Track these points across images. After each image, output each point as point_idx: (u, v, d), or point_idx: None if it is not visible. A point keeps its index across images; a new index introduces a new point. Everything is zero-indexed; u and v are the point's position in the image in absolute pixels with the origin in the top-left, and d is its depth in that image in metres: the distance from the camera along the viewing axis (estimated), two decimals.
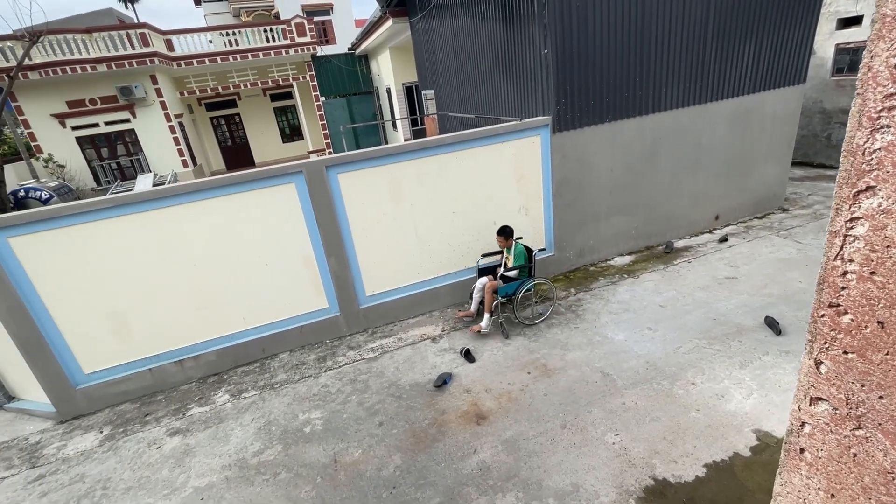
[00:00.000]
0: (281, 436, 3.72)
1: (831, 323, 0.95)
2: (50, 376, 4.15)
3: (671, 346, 4.17)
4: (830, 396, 0.99)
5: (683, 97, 5.75)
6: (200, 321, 4.52)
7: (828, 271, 0.93)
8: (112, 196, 3.97)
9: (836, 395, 0.98)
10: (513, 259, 4.68)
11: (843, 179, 0.87)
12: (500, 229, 4.67)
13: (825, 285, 0.94)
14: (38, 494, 3.46)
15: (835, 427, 1.00)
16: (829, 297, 0.94)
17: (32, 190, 11.15)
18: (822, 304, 0.95)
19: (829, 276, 0.93)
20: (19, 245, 3.80)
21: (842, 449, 1.00)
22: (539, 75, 5.14)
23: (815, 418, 1.04)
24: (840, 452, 1.00)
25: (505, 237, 4.65)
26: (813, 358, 1.01)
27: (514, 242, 4.70)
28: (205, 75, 15.61)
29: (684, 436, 3.19)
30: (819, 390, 1.01)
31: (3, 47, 11.93)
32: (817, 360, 1.00)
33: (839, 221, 0.88)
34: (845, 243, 0.88)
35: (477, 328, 4.67)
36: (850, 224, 0.87)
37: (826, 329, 0.96)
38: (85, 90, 13.25)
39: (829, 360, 0.97)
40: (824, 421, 1.02)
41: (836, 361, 0.96)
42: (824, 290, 0.94)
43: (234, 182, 4.22)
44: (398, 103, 14.62)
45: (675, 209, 6.31)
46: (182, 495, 3.27)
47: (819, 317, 0.96)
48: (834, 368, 0.97)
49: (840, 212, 0.88)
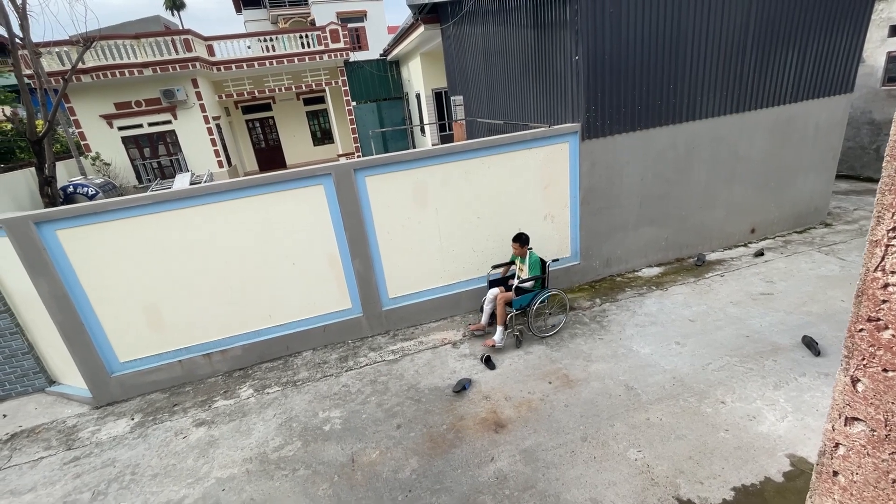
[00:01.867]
0: (301, 432, 3.78)
1: (870, 338, 0.89)
2: (88, 363, 4.36)
3: (700, 362, 4.02)
4: (868, 417, 0.92)
5: (720, 105, 5.58)
6: (229, 316, 4.66)
7: (867, 283, 0.87)
8: (152, 193, 4.15)
9: (875, 416, 0.91)
10: (528, 269, 4.53)
11: (885, 186, 0.81)
12: (517, 236, 4.54)
13: (864, 298, 0.88)
14: (73, 476, 3.62)
15: (872, 450, 0.93)
16: (869, 311, 0.88)
17: (80, 186, 11.78)
18: (861, 317, 0.89)
19: (869, 289, 0.87)
20: (66, 237, 4.02)
21: (879, 473, 0.93)
22: (569, 82, 5.09)
23: (850, 439, 0.97)
24: (877, 477, 0.93)
25: (521, 244, 4.52)
26: (849, 375, 0.94)
27: (529, 251, 4.56)
28: (242, 79, 16.18)
29: (712, 456, 3.07)
30: (855, 410, 0.94)
31: (60, 52, 12.71)
32: (854, 377, 0.93)
33: (881, 230, 0.82)
34: (887, 253, 0.82)
35: (491, 342, 4.50)
36: (892, 233, 0.81)
37: (864, 345, 0.90)
38: (131, 93, 13.95)
39: (867, 377, 0.91)
40: (860, 443, 0.95)
41: (875, 379, 0.89)
42: (863, 302, 0.88)
43: (266, 182, 4.34)
44: (427, 108, 14.76)
45: (708, 221, 6.10)
46: (205, 485, 3.36)
47: (857, 331, 0.90)
48: (872, 387, 0.90)
49: (882, 220, 0.82)
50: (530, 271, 4.51)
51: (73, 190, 11.64)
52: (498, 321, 4.47)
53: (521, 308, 4.51)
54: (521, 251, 4.54)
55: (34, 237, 3.90)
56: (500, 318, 4.47)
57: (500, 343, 4.48)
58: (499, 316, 4.47)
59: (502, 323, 4.47)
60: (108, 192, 12.42)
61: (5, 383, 4.65)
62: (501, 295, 4.50)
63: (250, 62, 15.42)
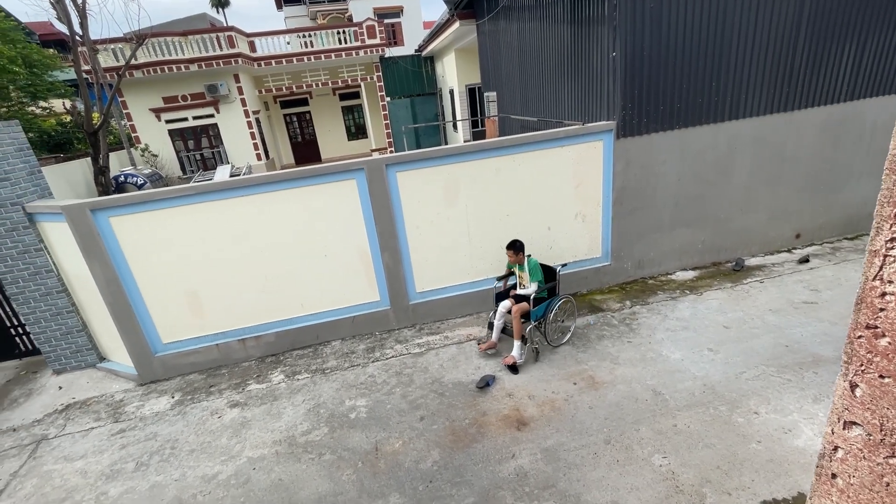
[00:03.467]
0: (328, 419, 3.91)
1: (868, 345, 0.91)
2: (134, 343, 4.64)
3: (733, 371, 3.88)
4: (865, 421, 0.94)
5: (766, 104, 5.32)
6: (263, 304, 4.85)
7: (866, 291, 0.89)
8: (195, 184, 4.36)
9: (871, 421, 0.93)
10: (529, 275, 4.27)
11: (884, 198, 0.84)
12: (511, 244, 4.27)
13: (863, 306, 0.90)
14: (119, 446, 3.89)
15: (868, 453, 0.95)
16: (867, 319, 0.90)
17: (130, 176, 12.49)
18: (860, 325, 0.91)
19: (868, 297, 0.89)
20: (118, 224, 4.29)
21: (874, 477, 0.95)
22: (605, 79, 4.98)
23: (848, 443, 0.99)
24: (872, 480, 0.95)
25: (515, 252, 4.24)
26: (848, 380, 0.96)
27: (525, 258, 4.30)
28: (281, 75, 16.65)
29: (741, 467, 2.97)
30: (853, 414, 0.96)
31: (115, 49, 13.46)
32: (852, 382, 0.95)
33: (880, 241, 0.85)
34: (885, 263, 0.85)
35: (510, 359, 4.19)
36: (890, 244, 0.83)
37: (862, 351, 0.92)
38: (178, 87, 14.63)
39: (864, 383, 0.93)
40: (857, 446, 0.97)
41: (872, 385, 0.91)
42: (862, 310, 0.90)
43: (301, 176, 4.48)
44: (460, 104, 14.75)
45: (748, 224, 5.85)
46: (237, 463, 3.54)
47: (856, 338, 0.92)
48: (869, 392, 0.92)
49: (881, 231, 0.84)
50: (532, 278, 4.26)
51: (123, 179, 12.35)
52: (515, 335, 4.21)
53: (537, 319, 4.28)
54: (516, 259, 4.27)
55: (90, 223, 4.18)
56: (517, 331, 4.17)
57: (520, 359, 4.22)
58: (516, 330, 4.17)
59: (519, 337, 4.19)
60: (155, 183, 13.10)
61: (62, 358, 5.02)
62: (517, 307, 4.17)
63: (289, 58, 15.85)
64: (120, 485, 3.47)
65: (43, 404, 4.61)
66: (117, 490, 3.42)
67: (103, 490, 3.44)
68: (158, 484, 3.43)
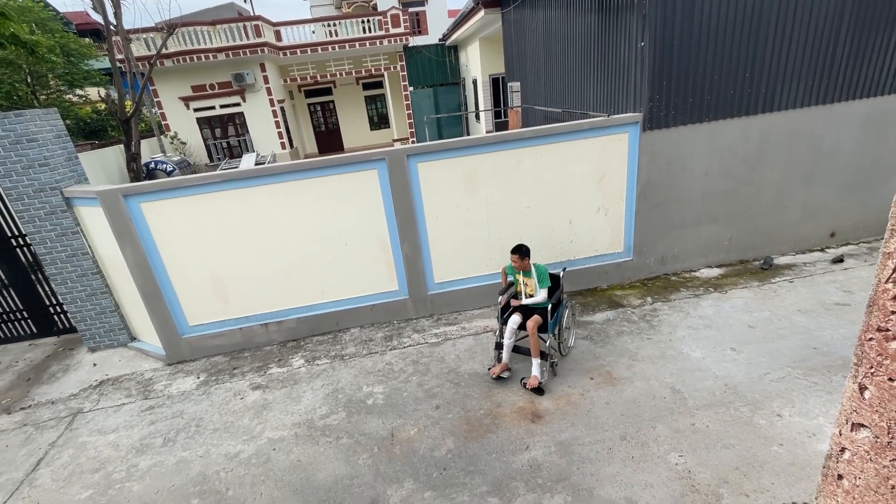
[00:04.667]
0: (346, 404, 4.00)
1: (878, 347, 0.90)
2: (163, 324, 4.83)
3: (757, 371, 3.79)
4: (872, 424, 0.94)
5: (804, 96, 5.09)
6: (286, 290, 4.96)
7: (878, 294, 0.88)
8: (221, 172, 4.47)
9: (879, 423, 0.92)
10: (537, 281, 3.88)
11: None
12: (517, 248, 3.87)
13: (875, 308, 0.89)
14: (148, 422, 4.07)
15: (875, 455, 0.95)
16: (878, 321, 0.89)
17: (160, 163, 12.87)
18: (871, 327, 0.91)
19: (880, 300, 0.88)
20: (148, 210, 4.44)
21: (880, 479, 0.94)
22: (633, 69, 4.85)
23: (855, 445, 0.99)
24: (878, 483, 0.95)
25: (521, 257, 3.84)
26: (857, 382, 0.96)
27: (533, 264, 3.93)
28: (306, 64, 16.80)
29: (761, 469, 2.91)
30: (861, 416, 0.96)
31: (147, 38, 13.81)
32: (862, 384, 0.95)
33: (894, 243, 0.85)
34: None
35: (535, 381, 3.78)
36: None
37: (873, 353, 0.91)
38: (206, 76, 14.94)
39: (873, 385, 0.92)
40: (864, 448, 0.97)
41: (881, 388, 0.91)
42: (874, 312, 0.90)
43: (324, 165, 4.54)
44: (483, 95, 14.61)
45: (779, 222, 5.65)
46: (258, 443, 3.66)
47: (867, 340, 0.92)
48: (878, 395, 0.91)
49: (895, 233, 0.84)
50: (542, 284, 3.87)
51: (153, 166, 12.74)
52: (533, 353, 3.80)
53: (554, 330, 3.92)
54: (522, 265, 3.87)
55: (122, 208, 4.35)
56: (535, 349, 3.78)
57: (544, 378, 3.84)
58: (533, 347, 3.78)
59: (538, 354, 3.80)
60: (183, 170, 13.46)
61: (96, 336, 5.26)
62: (532, 321, 3.77)
63: (314, 47, 15.96)
64: (149, 458, 3.64)
65: (79, 379, 4.86)
66: (146, 463, 3.59)
67: (133, 463, 3.62)
68: (184, 459, 3.59)
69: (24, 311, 5.59)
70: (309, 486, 3.21)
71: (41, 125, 4.53)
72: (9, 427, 4.24)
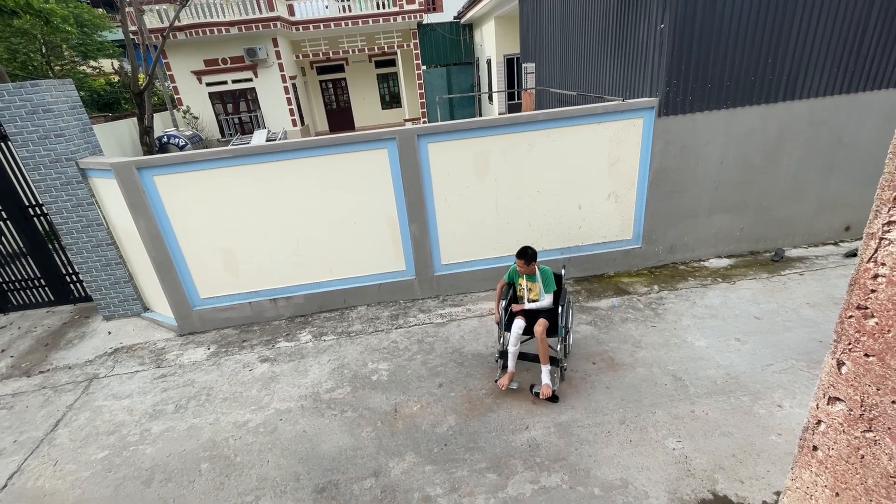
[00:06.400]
0: (351, 379, 4.09)
1: (857, 325, 0.95)
2: (175, 296, 4.94)
3: (760, 362, 3.79)
4: (847, 397, 1.00)
5: (828, 84, 4.94)
6: (294, 267, 5.03)
7: (860, 273, 0.93)
8: (233, 147, 4.50)
9: (853, 397, 0.99)
10: (542, 286, 3.66)
11: (885, 182, 0.87)
12: (523, 251, 3.57)
13: (856, 287, 0.94)
14: (161, 389, 4.21)
15: (847, 427, 1.02)
16: (859, 299, 0.94)
17: (172, 137, 12.94)
18: (851, 305, 0.96)
19: (861, 278, 0.93)
20: (161, 182, 4.50)
21: (851, 449, 1.02)
22: (651, 53, 4.73)
23: (830, 417, 1.06)
24: (849, 453, 1.02)
25: (526, 261, 3.56)
26: (836, 358, 1.02)
27: (536, 266, 3.67)
28: (318, 40, 16.61)
29: (758, 458, 2.95)
30: (837, 390, 1.02)
31: (159, 9, 13.71)
32: (840, 360, 1.01)
33: (877, 224, 0.88)
34: (880, 246, 0.88)
35: (547, 391, 3.50)
36: (887, 227, 0.87)
37: (852, 330, 0.97)
38: (218, 50, 14.85)
39: (850, 361, 0.98)
40: (839, 421, 1.04)
41: (857, 363, 0.97)
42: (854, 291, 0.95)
43: (334, 143, 4.54)
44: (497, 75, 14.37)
45: (793, 214, 5.56)
46: (266, 413, 3.78)
47: (847, 318, 0.98)
48: (854, 370, 0.98)
49: (879, 214, 0.88)
50: (547, 289, 3.65)
51: (166, 140, 12.81)
52: (542, 360, 3.55)
53: (563, 333, 3.65)
54: (528, 269, 3.60)
55: (136, 180, 4.41)
56: (544, 355, 3.53)
57: (555, 386, 3.60)
58: (543, 353, 3.52)
59: (548, 361, 3.56)
60: (195, 144, 13.53)
61: (111, 305, 5.40)
62: (540, 326, 3.50)
63: (327, 22, 15.75)
64: (161, 424, 3.78)
65: (94, 346, 5.02)
66: (159, 428, 3.73)
67: (147, 427, 3.76)
68: (195, 426, 3.72)
69: (42, 279, 5.74)
70: (314, 455, 3.32)
71: (56, 96, 4.58)
72: (29, 389, 4.42)
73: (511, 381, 3.69)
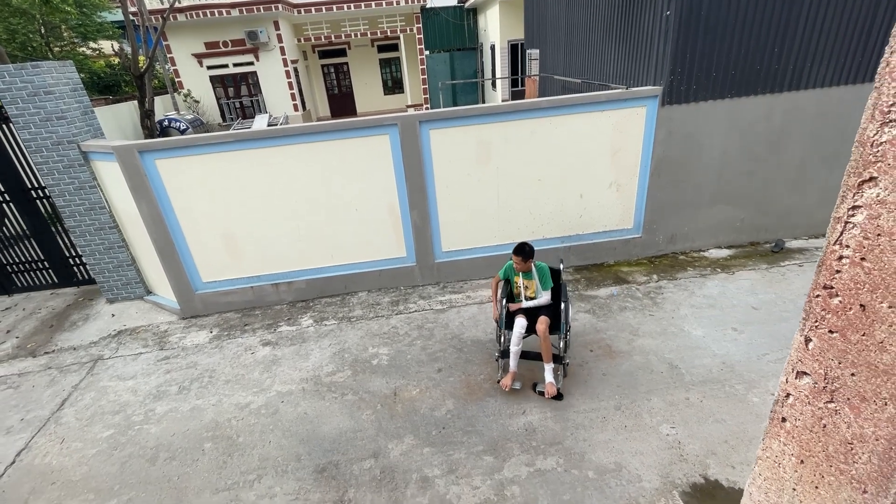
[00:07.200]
0: (352, 363, 4.15)
1: (823, 303, 1.02)
2: (178, 279, 4.98)
3: (756, 352, 3.84)
4: (813, 371, 1.08)
5: (834, 74, 4.89)
6: (296, 252, 5.06)
7: (827, 255, 0.99)
8: (234, 132, 4.49)
9: (818, 370, 1.06)
10: (540, 283, 3.58)
11: (851, 169, 0.92)
12: (520, 247, 3.45)
13: (823, 268, 1.00)
14: (164, 371, 4.28)
15: (812, 399, 1.10)
16: (825, 280, 1.00)
17: (173, 120, 12.87)
18: (818, 285, 1.02)
19: (828, 260, 0.99)
20: (163, 166, 4.50)
21: (814, 420, 1.10)
22: (656, 40, 4.68)
23: (798, 390, 1.13)
24: (813, 423, 1.11)
25: (524, 258, 3.45)
26: (804, 335, 1.08)
27: (533, 264, 3.56)
28: (320, 23, 16.38)
29: (750, 444, 3.01)
30: (805, 365, 1.10)
31: None
32: (807, 336, 1.08)
33: (843, 208, 0.94)
34: (845, 229, 0.94)
35: (552, 390, 3.44)
36: (851, 212, 0.93)
37: (818, 309, 1.03)
38: (219, 33, 14.67)
39: (816, 337, 1.05)
40: (805, 393, 1.11)
41: (822, 339, 1.04)
42: (822, 272, 1.01)
43: (336, 129, 4.53)
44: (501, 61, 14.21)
45: (796, 205, 5.55)
46: (267, 395, 3.85)
47: (814, 297, 1.04)
48: (819, 345, 1.05)
49: (845, 199, 0.94)
50: (545, 286, 3.58)
51: (167, 124, 12.74)
52: (545, 358, 3.48)
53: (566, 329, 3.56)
54: (524, 266, 3.50)
55: (138, 164, 4.41)
56: (547, 354, 3.46)
57: (559, 384, 3.55)
58: (545, 352, 3.46)
59: (551, 359, 3.49)
60: (196, 128, 13.47)
61: (114, 288, 5.45)
62: (543, 324, 3.43)
63: (328, 5, 15.51)
64: (165, 404, 3.85)
65: (98, 328, 5.08)
66: (163, 409, 3.81)
67: (151, 407, 3.83)
68: (198, 407, 3.79)
69: (45, 261, 5.79)
70: (314, 436, 3.39)
71: (57, 78, 4.56)
72: (35, 369, 4.49)
73: (514, 380, 3.58)
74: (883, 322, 0.91)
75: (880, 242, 0.88)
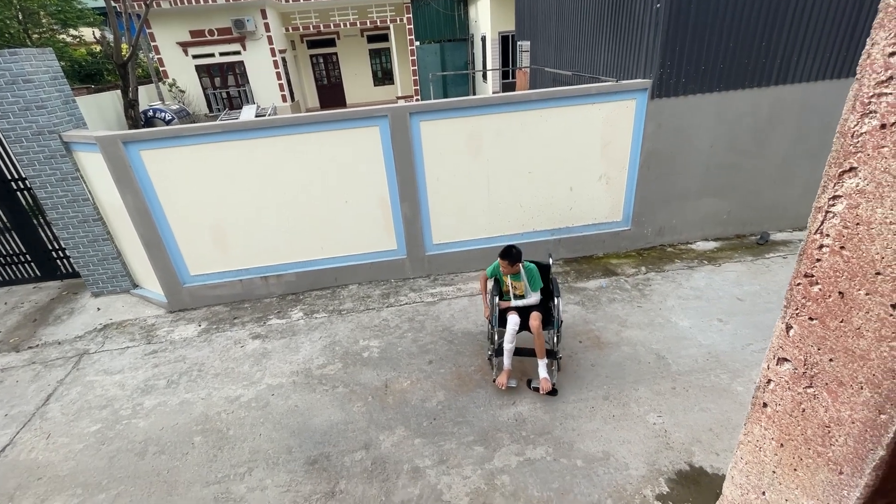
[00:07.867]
0: (342, 356, 4.15)
1: (804, 291, 1.05)
2: (165, 272, 4.92)
3: (740, 342, 3.92)
4: (793, 357, 1.11)
5: (820, 68, 4.96)
6: (285, 244, 5.02)
7: (808, 244, 1.02)
8: (221, 122, 4.42)
9: (798, 357, 1.10)
10: (528, 284, 3.57)
11: (832, 159, 0.95)
12: (507, 251, 3.41)
13: (804, 257, 1.03)
14: (152, 365, 4.24)
15: (792, 385, 1.13)
16: (806, 268, 1.03)
17: (158, 111, 12.61)
18: (800, 273, 1.05)
19: (809, 249, 1.02)
20: (148, 157, 4.42)
21: (794, 404, 1.14)
22: (646, 33, 4.70)
23: (779, 376, 1.17)
24: (793, 407, 1.14)
25: (511, 261, 3.40)
26: (785, 322, 1.12)
27: (521, 265, 3.51)
28: (308, 12, 16.12)
29: (733, 432, 3.08)
30: (786, 351, 1.13)
31: None
32: (788, 324, 1.11)
33: (824, 198, 0.96)
34: (826, 219, 0.96)
35: (548, 385, 3.40)
36: (832, 201, 0.95)
37: (799, 296, 1.06)
38: (205, 21, 14.36)
39: (797, 324, 1.08)
40: (785, 379, 1.15)
41: (802, 326, 1.07)
42: (803, 260, 1.04)
43: (325, 120, 4.48)
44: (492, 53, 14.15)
45: (781, 198, 5.64)
46: (258, 388, 3.84)
47: (795, 285, 1.07)
48: (799, 332, 1.08)
49: (826, 189, 0.96)
50: (533, 286, 3.57)
51: (152, 114, 12.49)
52: (539, 354, 3.46)
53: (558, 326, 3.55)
54: (512, 269, 3.46)
55: (122, 155, 4.32)
56: (541, 350, 3.44)
57: (554, 379, 3.50)
58: (539, 348, 3.43)
59: (544, 355, 3.47)
60: (182, 119, 13.22)
61: (99, 282, 5.37)
62: (536, 319, 3.39)
63: None
64: (153, 398, 3.82)
65: (83, 322, 5.00)
66: (151, 403, 3.78)
67: (139, 402, 3.80)
68: (187, 401, 3.77)
69: (28, 254, 5.66)
70: (306, 429, 3.39)
71: (37, 65, 4.43)
72: (18, 364, 4.42)
73: (509, 378, 3.55)
74: (860, 309, 0.93)
75: (859, 231, 0.90)
